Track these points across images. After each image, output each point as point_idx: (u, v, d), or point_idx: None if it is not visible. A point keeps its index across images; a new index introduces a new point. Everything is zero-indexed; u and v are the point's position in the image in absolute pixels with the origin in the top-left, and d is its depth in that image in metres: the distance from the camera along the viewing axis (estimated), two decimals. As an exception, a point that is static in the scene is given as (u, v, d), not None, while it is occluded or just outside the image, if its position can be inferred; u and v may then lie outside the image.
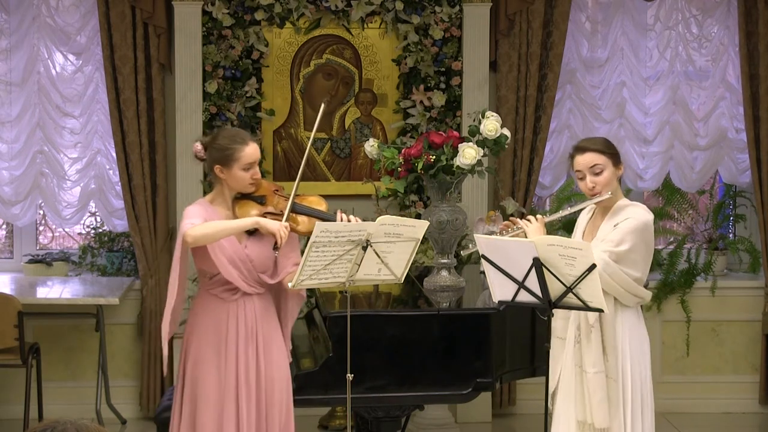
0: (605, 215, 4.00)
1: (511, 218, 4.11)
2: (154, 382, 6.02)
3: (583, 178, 3.97)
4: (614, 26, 6.23)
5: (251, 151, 3.95)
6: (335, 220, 3.90)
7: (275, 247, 3.88)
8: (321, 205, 4.06)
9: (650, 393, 3.99)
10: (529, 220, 3.99)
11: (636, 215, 3.90)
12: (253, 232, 3.97)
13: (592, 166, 3.94)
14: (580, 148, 3.99)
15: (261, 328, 3.97)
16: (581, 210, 4.13)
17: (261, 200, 4.00)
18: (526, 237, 3.96)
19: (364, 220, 3.91)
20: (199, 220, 3.86)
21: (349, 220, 3.90)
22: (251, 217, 3.89)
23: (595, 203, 3.99)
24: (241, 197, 4.01)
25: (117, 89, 5.91)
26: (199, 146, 4.03)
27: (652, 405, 4.00)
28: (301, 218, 4.00)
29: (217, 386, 3.92)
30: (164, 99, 6.00)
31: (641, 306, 4.06)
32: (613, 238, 3.87)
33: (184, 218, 3.90)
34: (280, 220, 3.91)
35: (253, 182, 3.97)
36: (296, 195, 4.02)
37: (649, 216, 3.94)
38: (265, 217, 3.94)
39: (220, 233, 3.83)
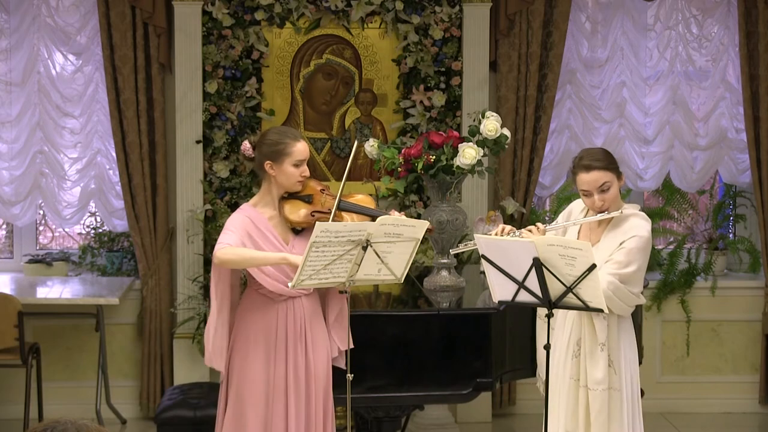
0: (605, 222, 3.99)
1: (508, 226, 4.05)
2: (154, 382, 6.02)
3: (589, 195, 3.94)
4: (614, 26, 6.23)
5: (302, 147, 3.99)
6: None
7: None
8: (369, 204, 4.08)
9: (639, 396, 4.00)
10: (530, 230, 3.97)
11: (639, 231, 3.89)
12: (300, 231, 4.00)
13: (600, 185, 3.91)
14: (585, 167, 3.93)
15: (309, 328, 3.99)
16: (585, 221, 4.09)
17: (308, 199, 4.02)
18: None
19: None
20: (236, 236, 3.87)
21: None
22: (281, 254, 3.87)
23: (604, 218, 3.96)
24: (288, 197, 4.02)
25: (117, 89, 5.91)
26: (247, 144, 4.06)
27: (641, 407, 4.01)
28: (349, 216, 4.01)
29: (265, 385, 3.94)
30: (164, 99, 6.00)
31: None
32: (620, 260, 3.86)
33: (223, 231, 3.92)
34: (328, 219, 3.93)
35: (301, 180, 4.00)
36: (344, 194, 4.04)
37: (649, 226, 3.94)
38: (312, 216, 3.97)
39: (247, 263, 3.87)
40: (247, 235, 3.91)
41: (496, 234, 3.99)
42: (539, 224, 4.01)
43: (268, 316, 3.96)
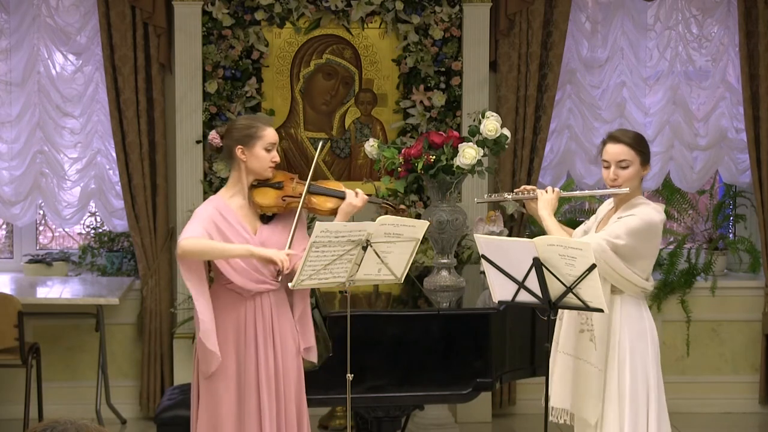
0: (620, 207, 4.02)
1: (530, 186, 4.20)
2: (154, 382, 6.02)
3: (608, 167, 3.99)
4: (614, 26, 6.23)
5: (272, 132, 4.01)
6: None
7: (278, 275, 3.91)
8: (338, 188, 4.10)
9: (658, 388, 3.97)
10: (546, 191, 4.08)
11: (641, 214, 3.90)
12: (270, 218, 4.00)
13: (620, 160, 3.95)
14: (613, 137, 4.00)
15: (277, 322, 3.99)
16: (595, 195, 4.19)
17: (278, 185, 4.03)
18: (535, 207, 4.10)
19: (356, 221, 3.91)
20: (201, 228, 3.86)
21: (356, 195, 3.98)
22: (246, 247, 3.86)
23: (610, 194, 4.01)
24: (258, 184, 4.03)
25: (117, 89, 5.91)
26: (215, 134, 4.06)
27: (661, 400, 3.99)
28: (318, 199, 4.04)
29: (237, 382, 3.94)
30: (164, 99, 6.00)
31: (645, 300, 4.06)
32: (611, 230, 3.89)
33: (190, 220, 3.92)
34: (298, 202, 3.95)
35: (272, 165, 4.00)
36: (314, 182, 4.06)
37: (657, 216, 3.93)
38: (284, 200, 3.98)
39: (209, 255, 3.86)
40: (214, 227, 3.89)
41: (518, 191, 4.16)
42: (556, 188, 4.10)
43: (237, 312, 3.95)
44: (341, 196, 4.04)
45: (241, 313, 3.95)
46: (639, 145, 3.98)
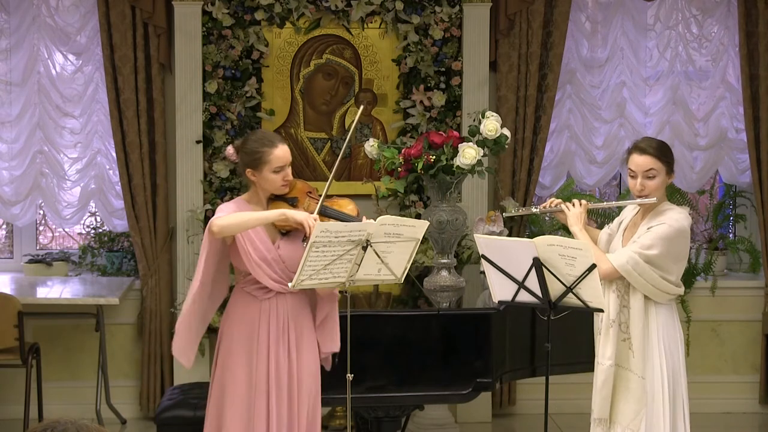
0: (647, 215, 4.03)
1: (556, 200, 4.19)
2: (154, 382, 6.02)
3: (634, 177, 4.01)
4: (614, 26, 6.23)
5: (280, 153, 3.96)
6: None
7: (305, 238, 3.88)
8: (350, 207, 4.08)
9: (684, 392, 4.01)
10: (573, 204, 4.08)
11: (671, 221, 3.92)
12: (286, 233, 3.99)
13: (647, 170, 3.97)
14: (639, 148, 4.02)
15: (293, 326, 3.98)
16: (622, 205, 4.23)
17: (293, 201, 4.03)
18: (564, 218, 4.09)
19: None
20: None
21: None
22: (280, 210, 3.88)
23: (638, 204, 4.03)
24: (275, 198, 4.04)
25: (117, 89, 5.91)
26: (231, 150, 4.07)
27: (686, 403, 4.02)
28: (330, 221, 4.01)
29: (246, 384, 3.94)
30: (164, 99, 6.00)
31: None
32: (644, 242, 3.91)
33: (216, 213, 3.93)
34: None
35: (285, 184, 3.99)
36: (328, 197, 4.04)
37: (685, 221, 3.96)
38: None
39: (246, 223, 3.84)
40: None
41: (544, 206, 4.17)
42: (583, 201, 4.10)
43: (252, 314, 3.95)
44: (350, 221, 3.97)
45: (255, 316, 3.95)
46: (665, 155, 4.02)
